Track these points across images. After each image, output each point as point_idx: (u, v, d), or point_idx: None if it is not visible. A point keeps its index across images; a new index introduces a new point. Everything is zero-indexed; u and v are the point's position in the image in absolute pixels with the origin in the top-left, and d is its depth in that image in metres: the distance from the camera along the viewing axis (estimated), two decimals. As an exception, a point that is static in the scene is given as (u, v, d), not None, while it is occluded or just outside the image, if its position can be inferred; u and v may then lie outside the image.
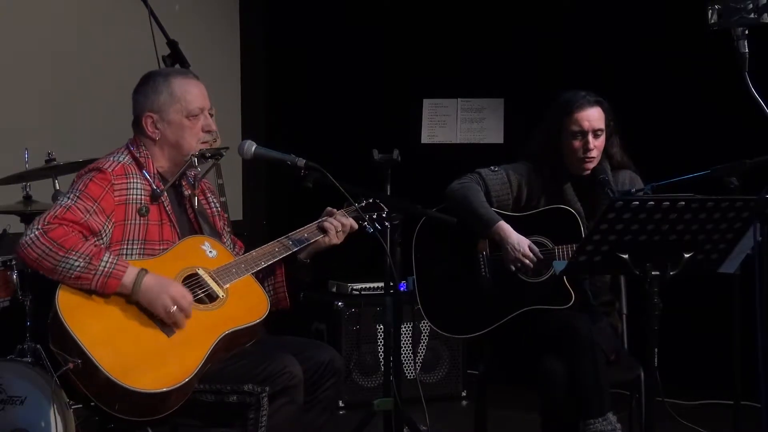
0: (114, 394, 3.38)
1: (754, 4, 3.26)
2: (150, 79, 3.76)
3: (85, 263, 3.43)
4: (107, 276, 3.45)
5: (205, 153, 3.73)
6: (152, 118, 3.71)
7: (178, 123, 3.71)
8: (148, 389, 3.38)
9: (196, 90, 3.74)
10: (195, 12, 6.75)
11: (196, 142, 3.72)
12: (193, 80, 3.78)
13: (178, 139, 3.71)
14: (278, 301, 3.83)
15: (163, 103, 3.70)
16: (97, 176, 3.61)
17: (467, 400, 6.00)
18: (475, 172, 4.39)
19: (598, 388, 4.00)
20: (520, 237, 4.22)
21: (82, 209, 3.52)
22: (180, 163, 3.74)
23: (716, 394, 5.61)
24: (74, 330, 3.39)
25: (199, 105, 3.72)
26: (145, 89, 3.74)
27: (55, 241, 3.43)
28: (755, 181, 3.54)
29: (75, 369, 3.39)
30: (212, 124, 3.75)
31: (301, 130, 6.95)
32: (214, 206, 3.93)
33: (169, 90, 3.70)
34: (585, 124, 4.25)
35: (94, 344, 3.39)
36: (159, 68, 4.41)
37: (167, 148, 3.73)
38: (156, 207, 3.68)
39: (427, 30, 6.75)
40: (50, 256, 3.43)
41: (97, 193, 3.57)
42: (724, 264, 3.56)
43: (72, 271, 3.43)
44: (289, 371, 3.51)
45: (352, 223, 3.84)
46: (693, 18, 3.84)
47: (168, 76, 3.75)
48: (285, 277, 3.85)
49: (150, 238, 3.65)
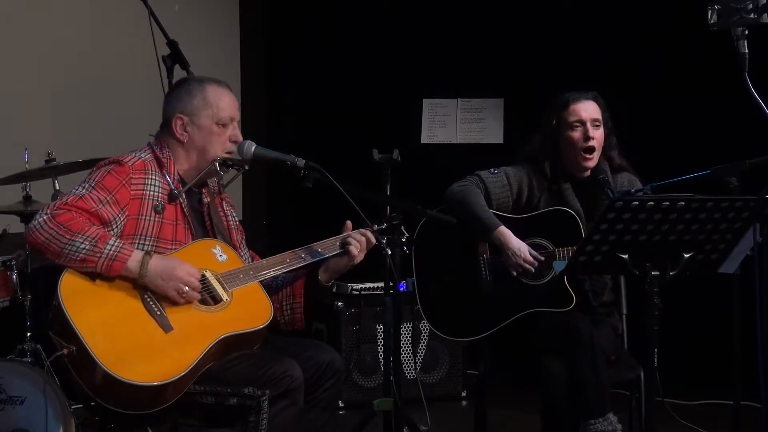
0: (106, 385, 3.38)
1: (754, 4, 3.25)
2: (185, 83, 3.81)
3: (90, 246, 3.44)
4: (112, 259, 3.46)
5: (227, 161, 3.75)
6: (182, 120, 3.73)
7: (208, 128, 3.72)
8: (137, 381, 3.37)
9: (229, 99, 3.78)
10: (195, 12, 6.75)
11: (221, 149, 3.74)
12: (226, 90, 3.80)
13: (205, 144, 3.73)
14: (294, 321, 3.82)
15: (196, 106, 3.72)
16: (115, 169, 3.63)
17: (467, 400, 6.00)
18: (474, 174, 4.39)
19: (598, 388, 4.00)
20: (520, 242, 4.22)
21: (95, 199, 3.54)
22: (202, 169, 3.74)
23: (716, 394, 5.61)
24: (72, 315, 3.41)
25: (229, 114, 3.75)
26: (178, 92, 3.77)
27: (62, 224, 3.45)
28: (755, 181, 3.54)
29: (69, 355, 3.40)
30: (239, 135, 3.77)
31: (301, 130, 6.96)
32: (232, 219, 3.92)
33: (203, 95, 3.73)
34: (583, 113, 4.27)
35: (90, 331, 3.40)
36: (193, 75, 4.41)
37: (193, 152, 3.74)
38: (172, 207, 3.69)
39: (427, 30, 6.75)
40: (57, 239, 3.44)
41: (113, 184, 3.59)
42: (724, 264, 3.56)
43: (78, 253, 3.44)
44: (289, 375, 3.51)
45: (371, 238, 3.79)
46: (693, 18, 3.83)
47: (203, 82, 3.79)
48: (304, 298, 3.84)
49: (163, 236, 3.66)
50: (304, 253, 3.77)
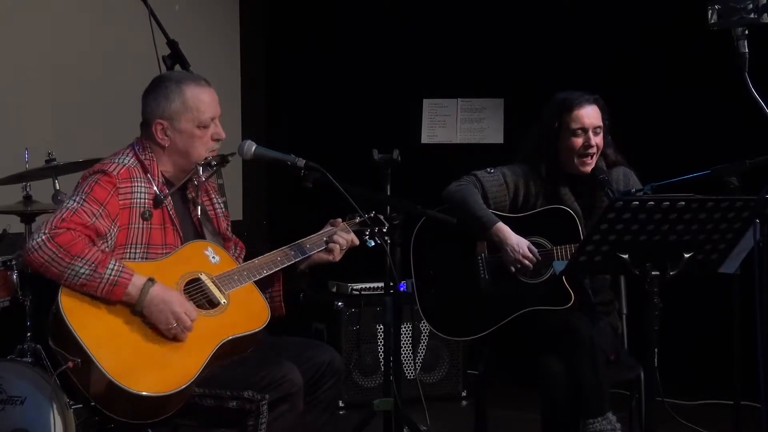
0: (113, 396, 3.38)
1: (754, 4, 3.25)
2: (162, 84, 3.71)
3: (90, 270, 3.41)
4: (113, 284, 3.43)
5: (211, 162, 3.71)
6: (162, 125, 3.67)
7: (189, 132, 3.67)
8: (148, 392, 3.37)
9: (208, 99, 3.70)
10: (195, 12, 6.74)
11: (205, 151, 3.69)
12: (205, 87, 3.72)
13: (187, 148, 3.68)
14: (274, 309, 3.78)
15: (175, 111, 3.66)
16: (102, 179, 3.59)
17: (467, 400, 6.00)
18: (471, 174, 4.39)
19: (597, 387, 4.00)
20: (519, 238, 4.22)
21: (89, 212, 3.50)
22: (186, 170, 3.71)
23: (716, 394, 5.61)
24: (76, 329, 3.39)
25: (210, 114, 3.69)
26: (156, 94, 3.69)
27: (61, 246, 3.42)
28: (755, 181, 3.54)
29: (74, 368, 3.39)
30: (221, 132, 3.72)
31: (301, 130, 6.95)
32: (219, 206, 3.91)
33: (181, 98, 3.66)
34: (586, 121, 4.26)
35: (96, 345, 3.38)
36: (170, 71, 4.38)
37: (175, 155, 3.70)
38: (159, 211, 3.66)
39: (427, 30, 6.74)
40: (56, 262, 3.41)
41: (102, 196, 3.55)
42: (724, 264, 3.56)
43: (77, 278, 3.41)
44: (289, 379, 3.51)
45: (354, 239, 3.83)
46: (693, 18, 3.83)
47: (180, 83, 3.69)
48: (282, 286, 3.84)
49: (153, 242, 3.64)
50: (294, 250, 3.78)
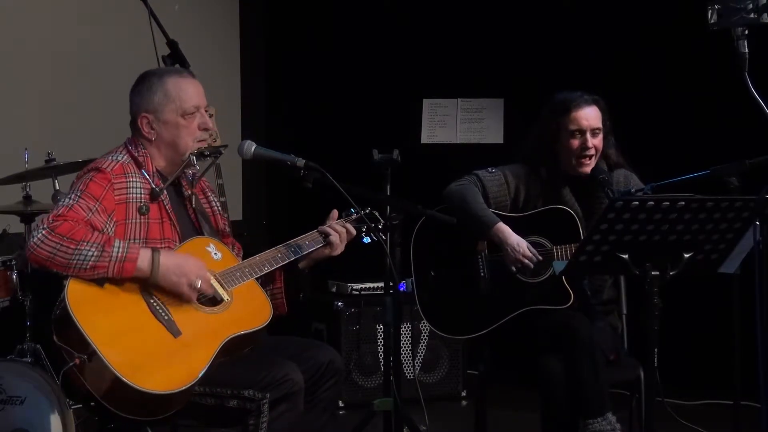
0: (119, 393, 3.37)
1: (754, 4, 3.25)
2: (145, 79, 3.75)
3: (98, 251, 3.41)
4: (122, 261, 3.43)
5: (203, 151, 3.72)
6: (148, 119, 3.70)
7: (174, 122, 3.69)
8: (156, 390, 3.37)
9: (192, 88, 3.73)
10: (195, 12, 6.75)
11: (192, 140, 3.71)
12: (188, 78, 3.77)
13: (174, 138, 3.70)
14: (276, 307, 3.78)
15: (158, 103, 3.69)
16: (96, 176, 3.60)
17: (467, 400, 6.00)
18: (472, 173, 4.39)
19: (597, 387, 4.00)
20: (519, 238, 4.22)
21: (85, 208, 3.51)
22: (178, 162, 3.73)
23: (716, 394, 5.61)
24: (84, 326, 3.37)
25: (194, 103, 3.71)
26: (140, 89, 3.73)
27: (64, 236, 3.42)
28: (755, 181, 3.54)
29: (80, 365, 3.38)
30: (208, 122, 3.74)
31: (301, 130, 6.95)
32: (215, 205, 3.92)
33: (163, 90, 3.69)
34: (584, 122, 4.25)
35: (104, 342, 3.37)
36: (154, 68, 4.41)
37: (164, 148, 3.72)
38: (156, 205, 3.67)
39: (427, 30, 6.75)
40: (62, 251, 3.40)
41: (97, 192, 3.56)
42: (724, 264, 3.56)
43: (87, 261, 3.41)
44: (290, 379, 3.51)
45: (350, 229, 3.85)
46: (693, 18, 3.83)
47: (162, 76, 3.74)
48: (284, 284, 3.84)
49: (151, 237, 3.64)
50: (294, 247, 3.79)
